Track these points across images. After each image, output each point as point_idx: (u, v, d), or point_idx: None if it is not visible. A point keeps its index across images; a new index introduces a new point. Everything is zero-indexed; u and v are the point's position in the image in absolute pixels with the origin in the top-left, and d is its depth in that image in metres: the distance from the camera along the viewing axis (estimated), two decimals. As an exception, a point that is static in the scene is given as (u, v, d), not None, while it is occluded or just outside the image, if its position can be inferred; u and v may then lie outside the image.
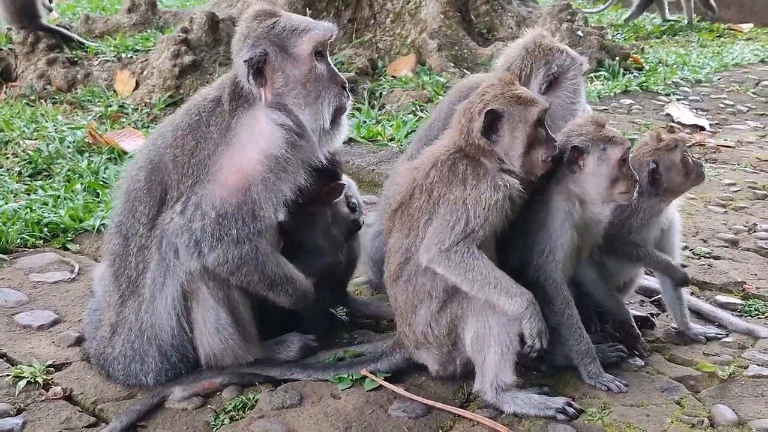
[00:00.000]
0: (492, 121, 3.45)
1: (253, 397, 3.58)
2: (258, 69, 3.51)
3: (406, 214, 3.54)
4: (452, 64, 9.61)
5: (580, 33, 10.39)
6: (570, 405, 3.46)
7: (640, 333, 3.97)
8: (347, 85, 3.71)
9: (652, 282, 4.55)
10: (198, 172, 3.48)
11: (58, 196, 5.82)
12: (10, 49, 9.63)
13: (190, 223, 3.44)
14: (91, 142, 6.99)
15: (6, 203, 5.58)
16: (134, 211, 3.59)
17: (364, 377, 3.66)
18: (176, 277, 3.50)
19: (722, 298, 4.63)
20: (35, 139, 7.01)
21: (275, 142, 3.49)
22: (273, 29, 3.56)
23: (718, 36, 15.03)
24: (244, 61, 3.51)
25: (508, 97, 3.50)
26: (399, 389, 3.58)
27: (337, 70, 3.71)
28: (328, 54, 3.67)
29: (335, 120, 3.65)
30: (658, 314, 4.44)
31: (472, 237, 3.39)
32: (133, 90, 8.91)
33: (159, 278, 3.52)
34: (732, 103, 9.79)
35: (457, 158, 3.49)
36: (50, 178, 6.29)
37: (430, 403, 3.51)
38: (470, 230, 3.38)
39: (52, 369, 3.81)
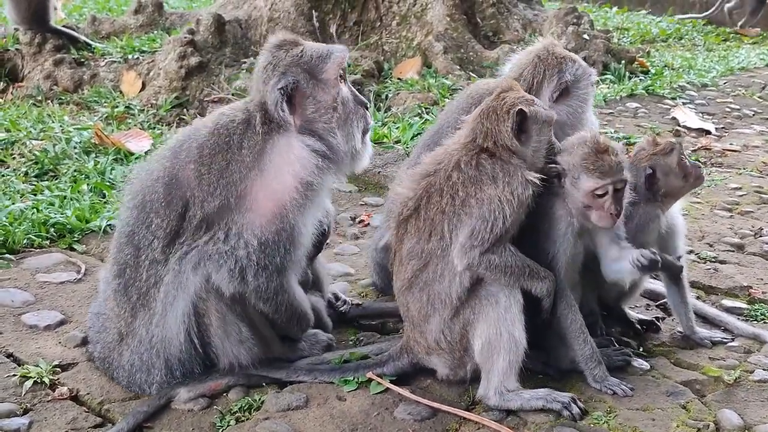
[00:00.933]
0: (520, 122, 3.49)
1: (259, 399, 3.59)
2: (289, 97, 3.56)
3: (423, 219, 3.52)
4: (458, 67, 9.61)
5: (586, 36, 10.39)
6: (575, 402, 3.48)
7: None
8: (369, 105, 3.83)
9: (657, 285, 4.55)
10: (227, 194, 3.48)
11: (65, 197, 5.83)
12: (17, 49, 9.67)
13: (234, 250, 3.46)
14: (97, 142, 7.00)
15: (13, 203, 5.59)
16: (149, 223, 3.55)
17: (370, 380, 3.67)
18: (188, 292, 3.51)
19: (728, 302, 4.62)
20: (42, 140, 7.02)
21: (310, 168, 3.55)
22: (301, 58, 3.61)
23: (724, 40, 15.01)
24: (279, 89, 3.54)
25: (530, 100, 3.55)
26: (405, 392, 3.59)
27: (357, 91, 3.83)
28: (347, 77, 3.77)
29: (363, 140, 3.78)
30: (664, 318, 4.43)
31: (507, 236, 3.46)
32: (140, 91, 8.95)
33: (172, 292, 3.51)
34: (738, 107, 9.77)
35: (483, 158, 3.50)
36: (57, 179, 6.30)
37: (436, 405, 3.51)
38: (506, 229, 3.44)
39: (58, 369, 3.82)
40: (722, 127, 8.86)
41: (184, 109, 8.57)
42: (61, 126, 7.43)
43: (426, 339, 3.60)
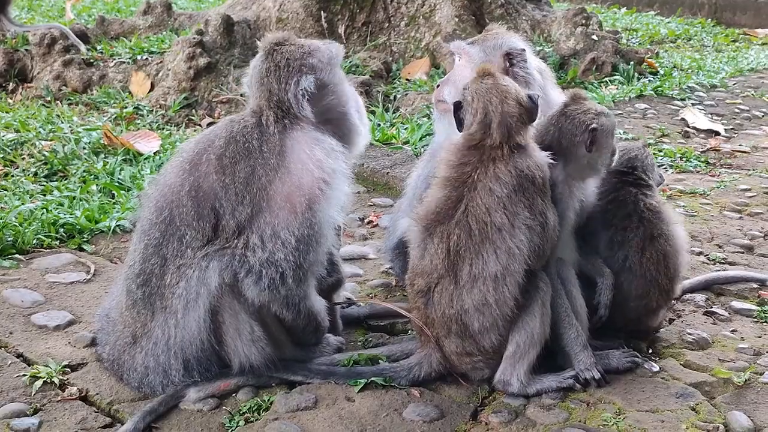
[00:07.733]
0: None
1: (268, 399, 3.59)
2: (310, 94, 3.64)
3: (480, 242, 3.50)
4: (466, 68, 9.60)
5: (594, 37, 10.37)
6: (577, 377, 3.65)
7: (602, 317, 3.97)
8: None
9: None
10: (258, 199, 3.49)
11: (74, 197, 5.84)
12: (26, 50, 9.69)
13: (273, 254, 3.47)
14: (106, 143, 7.02)
15: (22, 204, 5.61)
16: (182, 235, 3.53)
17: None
18: (208, 290, 3.50)
19: (738, 304, 4.61)
20: (51, 140, 7.04)
21: (333, 155, 3.60)
22: (310, 54, 3.69)
23: (733, 41, 14.96)
24: (302, 89, 3.61)
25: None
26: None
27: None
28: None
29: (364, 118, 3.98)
30: (673, 320, 4.42)
31: None
32: (148, 92, 8.96)
33: (193, 292, 3.50)
34: (747, 108, 9.74)
35: (509, 159, 3.54)
36: (66, 179, 6.32)
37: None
38: None
39: (68, 369, 3.83)
40: (731, 129, 8.84)
41: (193, 110, 8.59)
42: (70, 126, 7.45)
43: (480, 346, 3.61)
